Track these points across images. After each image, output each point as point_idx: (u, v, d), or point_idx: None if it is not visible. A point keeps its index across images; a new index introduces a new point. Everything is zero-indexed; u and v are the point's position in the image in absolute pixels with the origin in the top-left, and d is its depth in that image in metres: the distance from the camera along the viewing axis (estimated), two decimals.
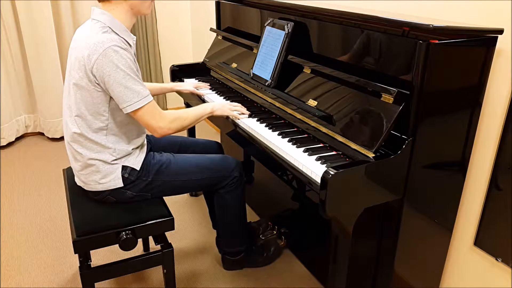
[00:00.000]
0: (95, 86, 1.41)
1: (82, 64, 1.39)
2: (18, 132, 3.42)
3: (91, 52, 1.37)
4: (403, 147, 1.28)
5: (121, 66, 1.38)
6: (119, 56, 1.37)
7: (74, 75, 1.43)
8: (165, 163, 1.64)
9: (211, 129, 3.77)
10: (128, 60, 1.40)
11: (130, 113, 1.44)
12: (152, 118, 1.47)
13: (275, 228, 2.15)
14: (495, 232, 1.51)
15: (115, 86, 1.39)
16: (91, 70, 1.38)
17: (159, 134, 1.52)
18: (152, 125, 1.49)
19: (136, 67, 1.45)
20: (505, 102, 1.41)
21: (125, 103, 1.41)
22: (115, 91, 1.40)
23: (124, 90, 1.40)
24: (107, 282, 1.93)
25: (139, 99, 1.42)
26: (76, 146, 1.51)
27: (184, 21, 3.88)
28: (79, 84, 1.42)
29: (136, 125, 1.57)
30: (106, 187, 1.55)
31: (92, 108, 1.45)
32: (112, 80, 1.38)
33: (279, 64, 1.77)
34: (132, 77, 1.40)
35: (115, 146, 1.52)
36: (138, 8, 1.50)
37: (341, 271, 1.41)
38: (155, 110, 1.48)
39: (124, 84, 1.39)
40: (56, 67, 3.29)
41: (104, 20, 1.44)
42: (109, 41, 1.37)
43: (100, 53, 1.36)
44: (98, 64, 1.37)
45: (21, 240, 2.21)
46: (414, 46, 1.24)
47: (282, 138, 1.57)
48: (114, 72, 1.37)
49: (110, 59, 1.36)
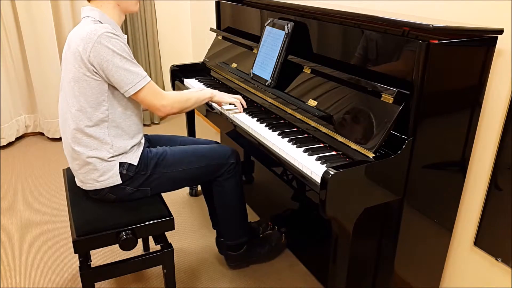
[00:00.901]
0: (93, 74, 1.43)
1: (77, 55, 1.42)
2: (18, 132, 3.42)
3: (85, 42, 1.40)
4: (403, 147, 1.28)
5: (117, 50, 1.42)
6: (114, 41, 1.41)
7: (70, 69, 1.45)
8: (162, 155, 1.65)
9: (211, 129, 3.77)
10: (122, 44, 1.44)
11: (132, 95, 1.48)
12: (155, 97, 1.51)
13: (275, 228, 2.15)
14: (495, 232, 1.51)
15: (114, 70, 1.42)
16: (88, 59, 1.41)
17: (162, 113, 1.56)
18: (155, 104, 1.52)
19: (129, 51, 1.48)
20: (505, 102, 1.41)
21: (126, 85, 1.45)
22: (115, 75, 1.43)
23: (124, 72, 1.43)
24: (107, 282, 1.94)
25: (139, 80, 1.46)
26: (73, 144, 1.52)
27: (184, 21, 3.88)
28: (76, 76, 1.44)
29: (136, 117, 1.58)
30: (105, 185, 1.55)
31: (92, 100, 1.46)
32: (111, 65, 1.41)
33: (279, 64, 1.77)
34: (129, 60, 1.44)
35: (113, 141, 1.52)
36: (125, 4, 1.54)
37: (341, 271, 1.41)
38: (156, 89, 1.52)
39: (123, 66, 1.42)
40: (56, 67, 3.29)
41: (94, 15, 1.49)
42: (101, 29, 1.41)
43: (95, 40, 1.39)
44: (95, 51, 1.40)
45: (21, 240, 2.21)
46: (414, 46, 1.24)
47: (282, 138, 1.57)
48: (111, 56, 1.41)
49: (105, 44, 1.40)
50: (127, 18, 3.48)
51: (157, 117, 3.84)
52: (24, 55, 3.24)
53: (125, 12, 1.57)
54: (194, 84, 2.28)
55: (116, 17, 1.54)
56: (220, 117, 1.92)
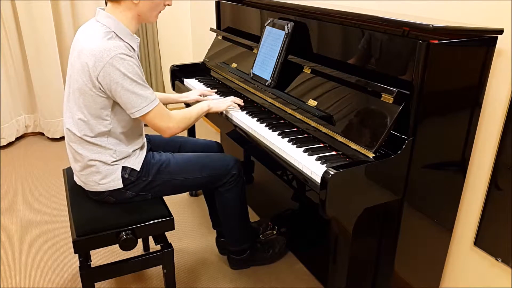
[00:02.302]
0: (99, 92, 1.41)
1: (86, 70, 1.39)
2: (18, 132, 3.42)
3: (97, 60, 1.36)
4: (403, 147, 1.28)
5: (128, 73, 1.38)
6: (126, 64, 1.38)
7: (77, 79, 1.42)
8: (164, 162, 1.65)
9: (211, 129, 3.77)
10: (134, 66, 1.40)
11: (139, 117, 1.46)
12: (161, 120, 1.51)
13: (275, 228, 2.15)
14: (495, 232, 1.51)
15: (123, 93, 1.39)
16: (97, 78, 1.38)
17: (168, 134, 1.56)
18: (161, 127, 1.52)
19: (141, 72, 1.45)
20: (505, 102, 1.41)
21: (133, 108, 1.43)
22: (123, 98, 1.41)
23: (132, 96, 1.41)
24: (107, 282, 1.93)
25: (147, 104, 1.44)
26: (76, 146, 1.51)
27: (184, 21, 3.88)
28: (83, 89, 1.42)
29: (137, 127, 1.58)
30: (106, 188, 1.55)
31: (95, 113, 1.45)
32: (120, 87, 1.38)
33: (279, 64, 1.77)
34: (139, 84, 1.41)
35: (115, 147, 1.52)
36: (146, 16, 1.50)
37: (341, 271, 1.41)
38: (163, 112, 1.51)
39: (132, 90, 1.40)
40: (56, 67, 3.29)
41: (108, 24, 1.43)
42: (115, 49, 1.36)
43: (107, 61, 1.35)
44: (105, 72, 1.36)
45: (21, 240, 2.21)
46: (414, 46, 1.24)
47: (282, 138, 1.57)
48: (122, 79, 1.37)
49: (117, 67, 1.36)
50: None
51: None
52: (24, 55, 3.24)
53: (142, 22, 1.52)
54: (194, 84, 2.28)
55: (132, 26, 1.48)
56: (220, 117, 1.92)
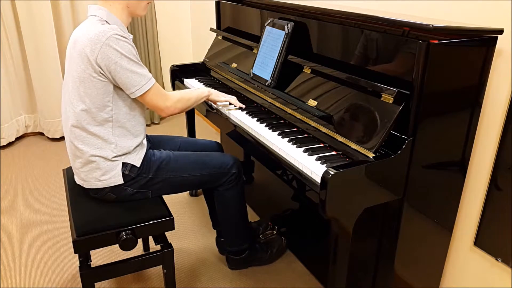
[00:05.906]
0: (99, 76, 1.44)
1: (84, 55, 1.42)
2: (18, 132, 3.42)
3: (93, 43, 1.40)
4: (403, 147, 1.28)
5: (125, 52, 1.43)
6: (122, 44, 1.42)
7: (76, 69, 1.45)
8: (165, 159, 1.66)
9: (211, 129, 3.77)
10: (130, 47, 1.45)
11: (138, 97, 1.49)
12: (160, 99, 1.55)
13: (275, 228, 2.15)
14: (495, 232, 1.51)
15: (122, 72, 1.43)
16: (96, 60, 1.41)
17: (165, 114, 1.59)
18: (160, 106, 1.56)
19: (136, 53, 1.49)
20: (505, 102, 1.41)
21: (133, 87, 1.46)
22: (123, 77, 1.44)
23: (131, 74, 1.45)
24: (107, 282, 1.94)
25: (146, 82, 1.48)
26: (77, 142, 1.52)
27: (184, 21, 3.88)
28: (82, 76, 1.44)
29: (140, 117, 1.60)
30: (106, 184, 1.55)
31: (97, 100, 1.47)
32: (119, 67, 1.42)
33: (279, 64, 1.77)
34: (135, 62, 1.46)
35: (117, 141, 1.53)
36: (134, 7, 1.55)
37: (341, 271, 1.41)
38: (161, 91, 1.55)
39: (130, 69, 1.44)
40: (56, 67, 3.29)
41: (101, 15, 1.49)
42: (110, 30, 1.41)
43: (103, 42, 1.40)
44: (103, 53, 1.40)
45: (21, 240, 2.21)
46: (414, 46, 1.24)
47: (282, 138, 1.57)
48: (120, 59, 1.42)
49: (113, 47, 1.41)
50: None
51: (157, 117, 3.84)
52: (24, 55, 3.24)
53: (132, 15, 1.57)
54: (194, 84, 2.28)
55: (123, 18, 1.54)
56: (220, 117, 1.92)
